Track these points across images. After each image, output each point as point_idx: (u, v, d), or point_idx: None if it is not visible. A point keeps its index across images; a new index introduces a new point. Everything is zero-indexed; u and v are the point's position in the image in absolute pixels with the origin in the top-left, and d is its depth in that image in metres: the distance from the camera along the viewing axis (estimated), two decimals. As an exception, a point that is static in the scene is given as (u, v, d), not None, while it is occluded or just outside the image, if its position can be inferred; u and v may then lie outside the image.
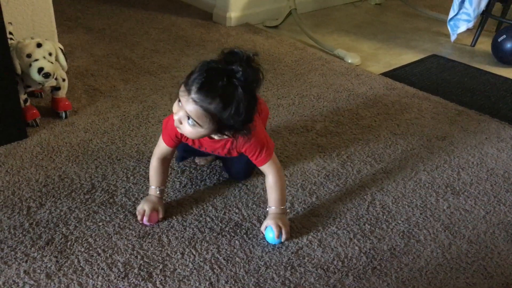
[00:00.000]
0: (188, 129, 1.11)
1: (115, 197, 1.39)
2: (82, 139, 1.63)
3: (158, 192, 1.32)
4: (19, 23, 1.86)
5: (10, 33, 1.66)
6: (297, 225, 1.33)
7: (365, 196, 1.46)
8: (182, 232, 1.28)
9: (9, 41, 1.54)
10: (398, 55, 2.47)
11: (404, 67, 2.34)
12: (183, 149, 1.42)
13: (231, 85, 1.03)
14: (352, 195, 1.46)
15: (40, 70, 1.55)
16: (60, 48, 1.65)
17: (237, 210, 1.37)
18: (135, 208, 1.34)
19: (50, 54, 1.59)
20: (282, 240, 1.26)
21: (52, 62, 1.59)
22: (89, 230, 1.27)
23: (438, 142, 1.74)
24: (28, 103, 1.66)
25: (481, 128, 1.84)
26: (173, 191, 1.43)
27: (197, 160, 1.55)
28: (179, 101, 1.09)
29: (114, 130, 1.69)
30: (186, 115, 1.08)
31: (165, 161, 1.31)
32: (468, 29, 2.54)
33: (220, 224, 1.32)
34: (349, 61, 2.33)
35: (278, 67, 2.23)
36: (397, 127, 1.82)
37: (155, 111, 1.82)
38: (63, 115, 1.71)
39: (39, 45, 1.57)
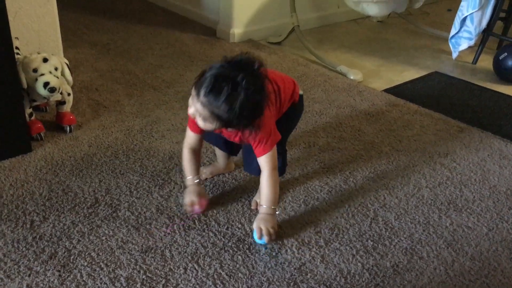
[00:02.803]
0: (201, 124, 1.21)
1: (118, 211, 1.39)
2: (86, 153, 1.64)
3: (196, 181, 1.38)
4: (25, 38, 1.88)
5: (17, 48, 1.68)
6: (299, 241, 1.33)
7: (367, 212, 1.46)
8: (185, 247, 1.28)
9: (16, 56, 1.56)
10: (400, 72, 2.49)
11: (406, 83, 2.36)
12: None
13: (236, 92, 1.11)
14: (355, 211, 1.46)
15: (46, 84, 1.57)
16: (66, 63, 1.67)
17: (239, 225, 1.37)
18: (138, 223, 1.35)
19: (56, 69, 1.61)
20: (266, 242, 1.29)
21: (57, 77, 1.61)
22: (92, 244, 1.27)
23: (440, 158, 1.75)
24: (33, 117, 1.67)
25: (484, 145, 1.85)
26: (176, 205, 1.43)
27: (202, 174, 1.56)
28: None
29: (118, 145, 1.70)
30: (197, 112, 1.18)
31: (195, 151, 1.38)
32: (469, 47, 2.56)
33: (223, 239, 1.32)
34: (352, 77, 2.35)
35: (281, 83, 2.24)
36: (399, 143, 1.83)
37: (158, 126, 1.83)
38: (68, 129, 1.73)
39: (45, 60, 1.59)
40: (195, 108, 1.17)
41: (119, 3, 3.19)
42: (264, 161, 1.28)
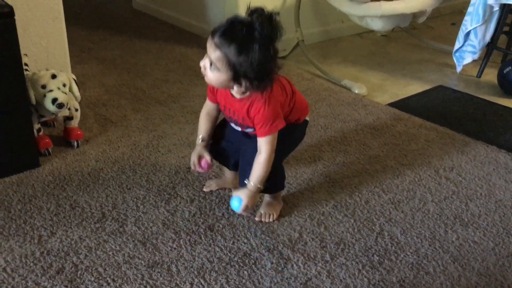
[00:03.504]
0: (210, 76, 1.24)
1: (125, 226, 1.40)
2: (93, 168, 1.65)
3: (200, 141, 1.43)
4: (34, 54, 1.91)
5: (26, 64, 1.71)
6: (305, 255, 1.33)
7: (373, 227, 1.46)
8: (191, 262, 1.29)
9: (25, 72, 1.58)
10: (405, 85, 2.50)
11: (411, 97, 2.37)
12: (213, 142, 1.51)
13: (249, 35, 1.15)
14: (361, 226, 1.46)
15: (54, 100, 1.59)
16: (74, 79, 1.70)
17: (245, 240, 1.38)
18: (144, 237, 1.36)
19: (64, 85, 1.63)
20: (240, 211, 1.35)
21: (65, 93, 1.63)
22: (99, 259, 1.28)
23: (446, 172, 1.75)
24: (41, 133, 1.69)
25: (489, 159, 1.85)
26: (182, 220, 1.44)
27: (205, 188, 1.57)
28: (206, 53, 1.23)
29: (125, 159, 1.71)
30: (209, 61, 1.21)
31: (211, 115, 1.44)
32: (473, 60, 2.57)
33: (229, 254, 1.32)
34: (356, 91, 2.36)
35: (286, 97, 2.26)
36: (404, 157, 1.83)
37: (165, 140, 1.85)
38: (75, 144, 1.75)
39: (53, 76, 1.62)
40: (208, 54, 1.20)
41: (126, 19, 3.23)
42: (265, 143, 1.30)
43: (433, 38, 3.16)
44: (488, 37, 2.50)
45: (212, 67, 1.21)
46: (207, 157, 1.42)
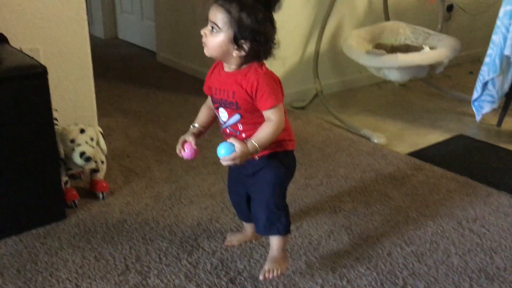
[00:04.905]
0: (210, 41, 1.22)
1: (148, 279, 1.41)
2: (117, 220, 1.68)
3: (191, 129, 1.40)
4: (63, 109, 1.99)
5: (55, 119, 1.78)
6: (328, 310, 1.32)
7: (396, 280, 1.44)
8: (213, 316, 1.29)
9: (55, 127, 1.65)
10: (424, 135, 2.51)
11: (431, 147, 2.37)
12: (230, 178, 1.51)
13: None
14: (383, 279, 1.45)
15: (82, 154, 1.65)
16: (100, 132, 1.76)
17: (267, 294, 1.37)
18: (167, 291, 1.36)
19: (92, 139, 1.70)
20: (225, 160, 1.21)
21: (93, 147, 1.69)
22: (122, 312, 1.29)
23: (469, 224, 1.73)
24: (68, 185, 1.74)
25: (513, 209, 1.83)
26: (204, 272, 1.45)
27: (226, 243, 1.58)
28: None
29: (148, 211, 1.75)
30: (210, 25, 1.21)
31: (208, 107, 1.41)
32: (493, 109, 2.58)
33: (251, 308, 1.32)
34: (375, 141, 2.38)
35: (306, 147, 2.29)
36: (426, 208, 1.82)
37: (187, 191, 1.88)
38: (100, 196, 1.79)
39: (82, 131, 1.68)
40: (210, 18, 1.21)
41: (150, 72, 3.36)
42: (273, 113, 1.25)
43: (451, 87, 3.19)
44: (506, 87, 2.51)
45: (214, 30, 1.21)
46: (192, 141, 1.34)
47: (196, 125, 1.41)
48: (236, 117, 1.30)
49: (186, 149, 1.35)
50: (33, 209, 1.60)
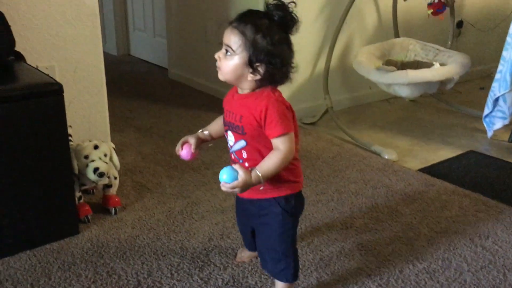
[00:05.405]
0: (225, 65, 1.18)
1: (159, 294, 1.42)
2: (129, 235, 1.70)
3: (199, 132, 1.36)
4: (77, 125, 2.03)
5: (70, 135, 1.81)
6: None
7: (408, 298, 1.44)
8: (225, 333, 1.29)
9: (69, 143, 1.68)
10: (435, 151, 2.51)
11: (442, 163, 2.37)
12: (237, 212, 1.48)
13: (267, 17, 1.16)
14: (395, 296, 1.44)
15: (95, 170, 1.67)
16: (113, 148, 1.79)
17: (279, 311, 1.37)
18: (179, 306, 1.37)
19: (105, 155, 1.72)
20: (226, 185, 1.14)
21: (106, 163, 1.71)
22: (134, 328, 1.29)
23: (481, 241, 1.72)
24: (81, 200, 1.76)
25: (525, 226, 1.81)
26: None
27: (237, 259, 1.58)
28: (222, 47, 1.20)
29: (160, 226, 1.76)
30: (225, 48, 1.18)
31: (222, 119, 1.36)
32: (504, 125, 2.57)
33: (262, 324, 1.32)
34: (386, 157, 2.38)
35: (316, 163, 2.30)
36: (438, 224, 1.82)
37: (198, 207, 1.89)
38: (113, 211, 1.81)
39: (96, 147, 1.71)
40: (224, 41, 1.17)
41: (161, 89, 3.40)
42: (282, 142, 1.17)
43: (462, 103, 3.18)
44: (517, 103, 2.51)
45: (228, 53, 1.17)
46: (193, 143, 1.31)
47: (206, 132, 1.37)
48: (242, 143, 1.23)
49: (184, 150, 1.32)
50: (47, 224, 1.62)
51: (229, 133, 1.27)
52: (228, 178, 1.13)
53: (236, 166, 1.15)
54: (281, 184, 1.26)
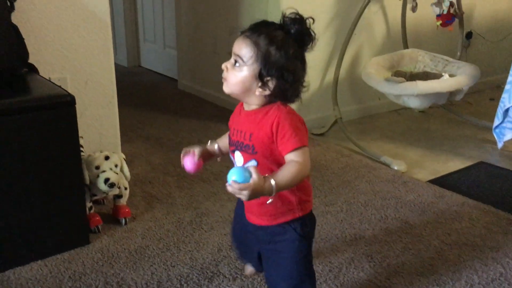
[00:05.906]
0: (232, 76, 1.12)
1: (169, 305, 1.42)
2: (139, 245, 1.71)
3: (208, 144, 1.30)
4: (88, 136, 2.05)
5: (81, 146, 1.83)
6: None
7: (418, 310, 1.43)
8: None
9: (81, 154, 1.70)
10: (445, 162, 2.50)
11: (452, 174, 2.36)
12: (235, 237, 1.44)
13: (281, 29, 1.10)
14: (405, 309, 1.43)
15: (106, 180, 1.69)
16: (124, 159, 1.81)
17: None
18: (188, 317, 1.37)
19: (116, 166, 1.74)
20: (234, 186, 1.01)
21: (117, 173, 1.73)
22: (144, 338, 1.30)
23: (492, 253, 1.71)
24: (92, 210, 1.78)
25: (537, 238, 1.80)
26: (225, 300, 1.45)
27: (246, 271, 1.58)
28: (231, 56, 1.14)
29: (169, 236, 1.77)
30: (234, 58, 1.11)
31: None
32: (514, 136, 2.56)
33: (271, 336, 1.32)
34: (395, 168, 2.38)
35: (325, 174, 2.30)
36: (448, 236, 1.81)
37: (208, 218, 1.90)
38: (123, 221, 1.82)
39: (107, 158, 1.73)
40: (234, 51, 1.11)
41: (171, 100, 3.43)
42: (297, 155, 1.08)
43: (472, 114, 3.17)
44: (527, 114, 2.50)
45: (237, 64, 1.10)
46: (197, 153, 1.24)
47: (216, 145, 1.29)
48: (252, 163, 1.13)
49: (187, 161, 1.26)
50: (58, 234, 1.63)
51: (237, 153, 1.17)
52: (239, 177, 1.01)
53: (250, 167, 1.03)
54: (292, 205, 1.18)
